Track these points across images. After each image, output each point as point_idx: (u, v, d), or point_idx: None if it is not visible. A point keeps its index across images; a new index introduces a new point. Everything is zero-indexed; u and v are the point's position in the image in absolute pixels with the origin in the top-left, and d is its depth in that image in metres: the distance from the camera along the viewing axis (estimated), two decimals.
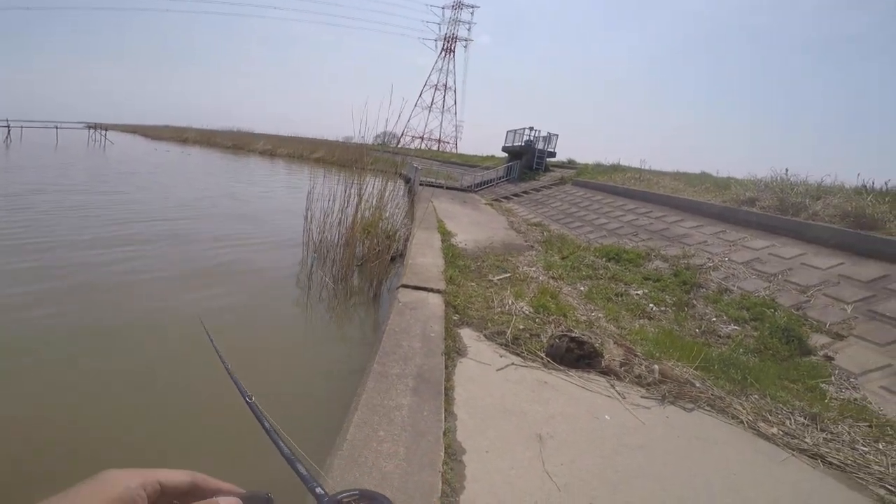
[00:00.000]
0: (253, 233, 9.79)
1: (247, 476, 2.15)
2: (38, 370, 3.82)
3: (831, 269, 6.14)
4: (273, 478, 1.09)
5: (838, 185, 8.82)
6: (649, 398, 3.55)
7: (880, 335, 4.65)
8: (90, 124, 38.37)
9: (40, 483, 2.62)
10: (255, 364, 4.30)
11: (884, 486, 2.69)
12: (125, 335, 4.60)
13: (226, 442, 3.10)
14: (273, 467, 0.94)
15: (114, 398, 3.58)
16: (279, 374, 4.23)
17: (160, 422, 3.37)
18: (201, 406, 3.51)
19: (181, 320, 4.95)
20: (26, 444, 3.00)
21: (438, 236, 8.72)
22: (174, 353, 4.29)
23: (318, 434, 3.02)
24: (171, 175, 20.33)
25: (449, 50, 69.08)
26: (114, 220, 9.35)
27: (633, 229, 9.99)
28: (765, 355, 4.61)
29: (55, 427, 3.19)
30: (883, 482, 2.73)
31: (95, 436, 3.13)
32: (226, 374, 0.84)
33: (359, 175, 7.31)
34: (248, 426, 0.80)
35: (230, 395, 0.82)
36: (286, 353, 4.71)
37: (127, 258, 6.89)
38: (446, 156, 41.61)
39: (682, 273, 7.03)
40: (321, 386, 4.13)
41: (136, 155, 30.38)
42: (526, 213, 14.51)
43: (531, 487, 2.34)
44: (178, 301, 5.51)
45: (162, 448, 3.07)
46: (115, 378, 3.86)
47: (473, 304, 5.12)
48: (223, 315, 5.32)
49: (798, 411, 3.48)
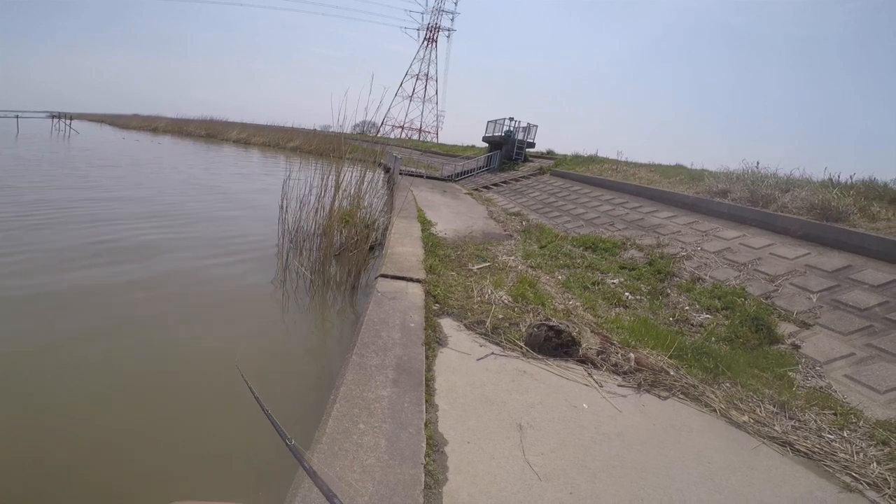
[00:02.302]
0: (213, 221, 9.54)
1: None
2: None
3: (798, 259, 6.35)
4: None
5: (806, 179, 9.08)
6: (626, 386, 3.62)
7: (843, 324, 4.84)
8: (54, 113, 36.45)
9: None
10: (225, 359, 4.21)
11: (849, 474, 2.79)
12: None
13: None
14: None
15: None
16: (249, 368, 4.14)
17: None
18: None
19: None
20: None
21: (418, 225, 8.67)
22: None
23: (295, 429, 2.97)
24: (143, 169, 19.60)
25: (431, 40, 68.19)
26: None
27: (610, 219, 10.12)
28: (736, 344, 4.75)
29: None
30: (848, 470, 2.83)
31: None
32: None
33: (336, 164, 7.17)
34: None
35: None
36: (258, 347, 4.61)
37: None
38: (427, 145, 41.30)
39: (657, 262, 7.17)
40: (297, 379, 4.07)
41: (103, 144, 29.09)
42: (505, 202, 14.56)
43: (513, 478, 2.36)
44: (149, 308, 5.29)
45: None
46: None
47: (453, 293, 5.11)
48: (195, 310, 5.19)
49: (767, 399, 3.59)
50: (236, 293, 5.84)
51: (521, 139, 21.89)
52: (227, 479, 2.83)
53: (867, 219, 6.82)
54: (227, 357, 4.28)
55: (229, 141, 44.47)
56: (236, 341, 4.57)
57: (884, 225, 6.52)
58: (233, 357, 4.13)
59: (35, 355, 3.88)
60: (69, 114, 36.80)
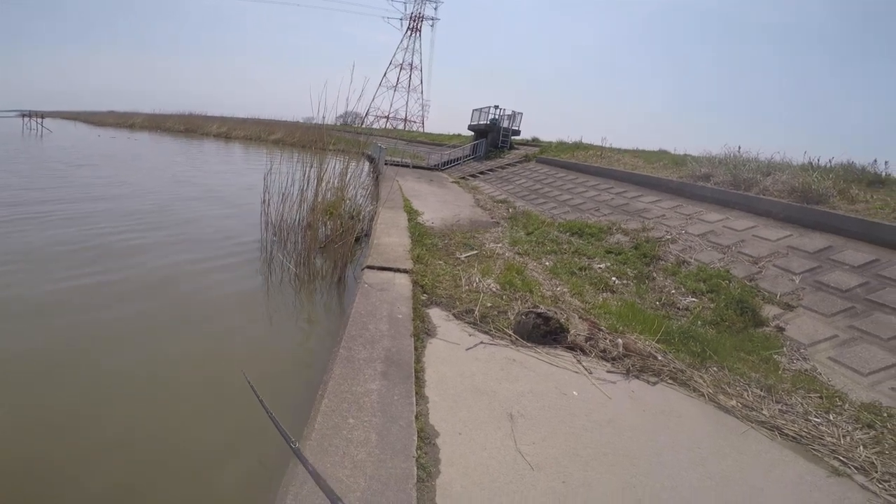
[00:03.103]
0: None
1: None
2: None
3: (780, 241, 6.44)
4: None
5: (787, 162, 9.19)
6: (614, 372, 3.64)
7: (826, 306, 4.92)
8: (24, 112, 35.06)
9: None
10: (207, 355, 4.13)
11: (837, 458, 2.83)
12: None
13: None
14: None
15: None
16: (235, 364, 4.05)
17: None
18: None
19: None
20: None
21: (405, 215, 8.59)
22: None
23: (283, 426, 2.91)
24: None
25: (415, 29, 67.10)
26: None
27: (595, 205, 10.15)
28: (721, 327, 4.81)
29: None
30: (836, 454, 2.87)
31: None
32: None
33: (319, 156, 7.03)
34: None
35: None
36: (243, 341, 4.53)
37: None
38: (413, 135, 40.89)
39: (643, 246, 7.22)
40: (283, 374, 3.99)
41: (76, 142, 28.12)
42: (492, 190, 14.51)
43: (505, 468, 2.34)
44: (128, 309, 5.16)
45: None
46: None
47: (441, 282, 5.07)
48: (176, 308, 5.07)
49: (754, 383, 3.64)
50: (220, 290, 5.72)
51: (506, 127, 21.77)
52: (214, 477, 2.78)
53: (846, 201, 6.93)
54: (211, 354, 4.22)
55: (209, 136, 43.47)
56: (218, 339, 4.49)
57: (862, 207, 6.63)
58: (231, 357, 4.08)
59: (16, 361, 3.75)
60: (41, 112, 35.57)
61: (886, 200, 6.65)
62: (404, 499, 2.02)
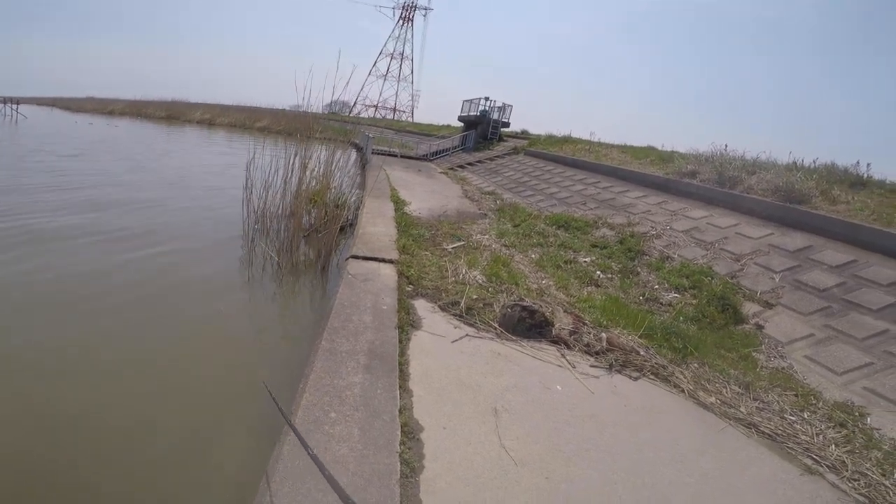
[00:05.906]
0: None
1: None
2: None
3: (762, 239, 6.54)
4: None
5: (772, 162, 9.32)
6: (598, 367, 3.66)
7: (804, 305, 5.01)
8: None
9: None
10: (187, 346, 4.04)
11: (810, 456, 2.89)
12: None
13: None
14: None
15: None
16: (212, 358, 3.97)
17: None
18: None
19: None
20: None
21: (391, 205, 8.50)
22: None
23: (264, 420, 2.87)
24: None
25: (407, 18, 66.08)
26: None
27: (582, 198, 10.18)
28: (703, 323, 4.87)
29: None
30: (809, 452, 2.93)
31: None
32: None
33: (303, 143, 6.89)
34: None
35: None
36: (222, 334, 4.44)
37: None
38: (402, 125, 40.54)
39: (628, 240, 7.27)
40: (263, 367, 3.91)
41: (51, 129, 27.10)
42: (480, 181, 14.46)
43: (489, 464, 2.33)
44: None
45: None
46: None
47: (427, 273, 5.03)
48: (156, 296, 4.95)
49: (733, 380, 3.69)
50: (201, 278, 5.59)
51: (496, 119, 21.67)
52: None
53: (828, 201, 7.05)
54: (185, 344, 4.12)
55: (192, 122, 42.45)
56: (196, 327, 4.40)
57: (843, 208, 6.76)
58: (205, 353, 3.98)
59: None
60: (16, 98, 34.38)
61: (867, 202, 6.79)
62: (388, 495, 1.99)
